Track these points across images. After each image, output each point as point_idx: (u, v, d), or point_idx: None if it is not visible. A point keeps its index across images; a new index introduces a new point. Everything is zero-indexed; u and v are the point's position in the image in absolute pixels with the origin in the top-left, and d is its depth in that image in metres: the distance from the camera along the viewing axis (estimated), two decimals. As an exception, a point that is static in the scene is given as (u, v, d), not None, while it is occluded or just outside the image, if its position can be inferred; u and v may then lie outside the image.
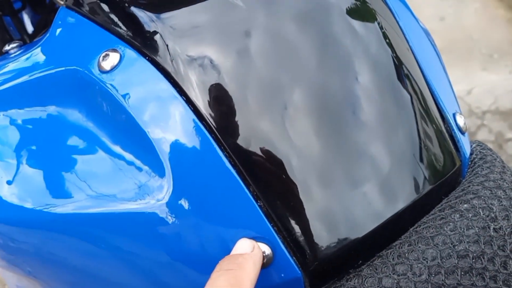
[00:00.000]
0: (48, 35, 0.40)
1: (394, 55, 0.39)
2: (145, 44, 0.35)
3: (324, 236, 0.32)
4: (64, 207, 0.35)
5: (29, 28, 0.75)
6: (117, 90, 0.34)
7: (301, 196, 0.32)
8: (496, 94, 1.65)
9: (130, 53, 0.35)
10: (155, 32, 0.35)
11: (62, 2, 0.41)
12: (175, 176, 0.32)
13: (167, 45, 0.34)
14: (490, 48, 1.76)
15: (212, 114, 0.33)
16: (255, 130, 0.33)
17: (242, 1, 0.35)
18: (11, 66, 0.41)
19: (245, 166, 0.32)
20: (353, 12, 0.39)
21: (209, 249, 0.32)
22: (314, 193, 0.33)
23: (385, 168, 0.35)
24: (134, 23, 0.36)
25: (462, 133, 0.41)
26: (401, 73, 0.39)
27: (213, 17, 0.35)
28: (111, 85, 0.34)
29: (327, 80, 0.35)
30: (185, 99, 0.33)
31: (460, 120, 0.42)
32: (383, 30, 0.40)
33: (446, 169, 0.38)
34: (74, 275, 0.38)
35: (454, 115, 0.42)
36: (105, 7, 0.38)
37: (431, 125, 0.39)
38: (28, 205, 0.36)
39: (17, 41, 0.46)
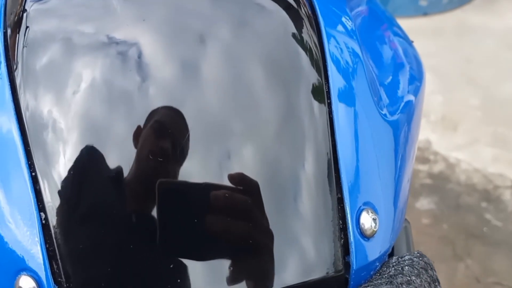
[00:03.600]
0: None
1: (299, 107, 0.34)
2: None
3: None
4: None
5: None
6: None
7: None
8: None
9: None
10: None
11: None
12: None
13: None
14: None
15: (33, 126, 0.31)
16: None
17: None
18: None
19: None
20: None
21: None
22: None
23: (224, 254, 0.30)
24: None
25: (364, 236, 0.31)
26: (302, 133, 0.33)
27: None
28: None
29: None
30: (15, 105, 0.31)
31: (366, 220, 0.31)
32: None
33: (318, 273, 0.30)
34: None
35: (360, 210, 0.31)
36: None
37: (319, 212, 0.30)
38: None
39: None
